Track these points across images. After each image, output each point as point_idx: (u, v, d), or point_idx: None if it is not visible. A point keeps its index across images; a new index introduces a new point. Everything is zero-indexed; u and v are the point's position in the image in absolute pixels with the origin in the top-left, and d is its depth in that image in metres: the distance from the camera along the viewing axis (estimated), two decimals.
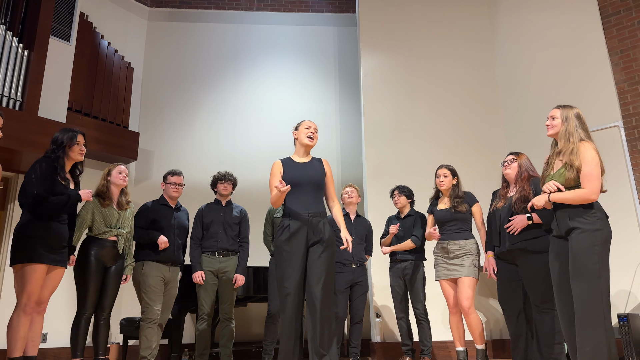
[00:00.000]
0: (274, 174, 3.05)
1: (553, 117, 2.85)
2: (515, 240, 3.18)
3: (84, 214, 3.57)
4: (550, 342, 3.06)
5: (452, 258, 3.71)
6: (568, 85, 5.15)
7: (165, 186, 4.09)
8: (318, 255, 2.90)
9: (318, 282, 2.84)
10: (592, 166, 2.63)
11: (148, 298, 3.74)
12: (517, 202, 3.22)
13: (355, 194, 4.46)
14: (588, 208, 2.62)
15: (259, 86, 6.72)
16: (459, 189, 3.84)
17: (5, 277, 4.92)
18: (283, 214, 3.02)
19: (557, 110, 2.85)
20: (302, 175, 3.02)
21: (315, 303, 2.82)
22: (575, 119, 2.78)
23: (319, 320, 2.80)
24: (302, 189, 3.00)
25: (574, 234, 2.62)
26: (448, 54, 5.96)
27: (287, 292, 2.85)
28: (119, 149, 5.69)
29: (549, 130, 2.86)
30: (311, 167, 3.08)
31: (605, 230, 2.60)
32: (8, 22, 4.98)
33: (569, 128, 2.76)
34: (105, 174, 3.73)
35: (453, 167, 3.90)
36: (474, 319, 3.60)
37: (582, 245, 2.57)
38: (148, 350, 3.71)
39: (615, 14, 4.99)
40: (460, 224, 3.75)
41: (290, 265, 2.88)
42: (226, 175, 4.33)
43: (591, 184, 2.60)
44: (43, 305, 3.08)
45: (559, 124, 2.81)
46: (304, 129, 3.14)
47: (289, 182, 2.97)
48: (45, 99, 4.93)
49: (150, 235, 3.84)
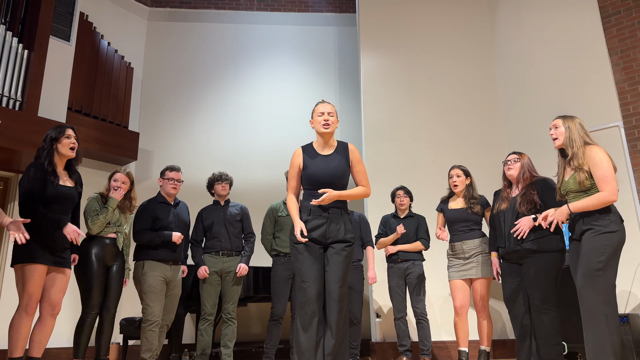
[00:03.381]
0: (293, 164, 2.88)
1: (556, 127, 2.94)
2: (521, 240, 3.18)
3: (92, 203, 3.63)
4: (549, 342, 3.05)
5: (468, 258, 3.69)
6: (568, 85, 5.15)
7: (162, 182, 3.99)
8: (337, 254, 2.76)
9: (337, 283, 2.71)
10: (605, 167, 2.67)
11: (148, 299, 3.69)
12: (522, 204, 3.22)
13: None
14: (604, 211, 2.67)
15: (259, 86, 6.72)
16: (473, 189, 3.81)
17: (5, 277, 4.92)
18: (301, 208, 2.86)
19: (559, 120, 2.95)
20: (322, 171, 2.81)
21: (332, 304, 2.70)
22: (578, 127, 2.86)
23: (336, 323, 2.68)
24: (323, 186, 2.80)
25: (586, 235, 2.68)
26: (448, 54, 5.96)
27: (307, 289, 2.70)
28: (119, 149, 5.69)
29: (555, 141, 2.94)
30: (333, 160, 2.86)
31: (619, 232, 2.65)
32: (8, 22, 4.97)
33: (572, 135, 2.84)
34: (109, 178, 3.77)
35: (466, 167, 3.87)
36: (487, 320, 3.61)
37: (593, 245, 2.62)
38: (149, 352, 3.67)
39: (615, 14, 4.99)
40: (472, 224, 3.74)
41: (309, 262, 2.74)
42: (222, 176, 4.31)
43: (608, 186, 2.65)
44: (57, 309, 3.06)
45: (562, 132, 2.89)
46: (317, 116, 2.88)
47: (308, 179, 2.83)
48: (45, 99, 4.92)
49: (162, 236, 3.76)
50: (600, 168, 2.67)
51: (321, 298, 2.73)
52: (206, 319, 4.03)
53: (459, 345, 3.73)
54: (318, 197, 2.78)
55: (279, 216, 4.26)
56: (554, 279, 3.08)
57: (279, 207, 4.31)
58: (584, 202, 2.70)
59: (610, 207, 2.69)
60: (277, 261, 4.18)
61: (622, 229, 2.67)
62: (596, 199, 2.67)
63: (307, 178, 2.84)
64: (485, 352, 3.62)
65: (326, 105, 2.89)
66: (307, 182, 2.86)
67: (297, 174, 2.88)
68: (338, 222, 2.80)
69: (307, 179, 2.84)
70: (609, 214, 2.67)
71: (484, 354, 3.61)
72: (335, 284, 2.71)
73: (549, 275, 3.07)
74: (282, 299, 4.08)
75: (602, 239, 2.62)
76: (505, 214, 3.33)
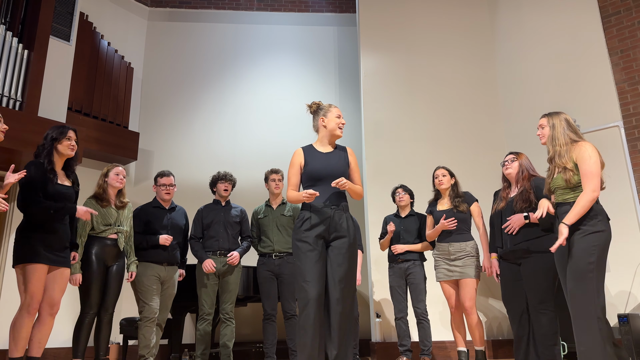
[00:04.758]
0: (294, 163, 2.89)
1: (542, 126, 2.91)
2: (517, 240, 3.19)
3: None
4: (547, 343, 3.05)
5: (453, 260, 3.72)
6: (568, 85, 5.15)
7: (156, 189, 4.08)
8: (339, 252, 2.73)
9: (339, 283, 2.67)
10: (590, 163, 2.62)
11: (144, 297, 3.77)
12: (518, 202, 3.22)
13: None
14: (591, 211, 2.62)
15: (259, 86, 6.72)
16: (457, 188, 3.89)
17: (5, 278, 4.92)
18: (302, 206, 2.84)
19: (543, 119, 2.91)
20: (324, 167, 2.83)
21: (334, 306, 2.64)
22: (563, 123, 2.81)
23: (338, 324, 2.62)
24: (324, 181, 2.81)
25: (574, 235, 2.63)
26: (448, 54, 5.96)
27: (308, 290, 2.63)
28: (119, 149, 5.69)
29: (541, 139, 2.92)
30: (335, 157, 2.88)
31: (605, 232, 2.60)
32: (8, 22, 4.98)
33: (555, 133, 2.80)
34: (103, 175, 3.74)
35: (449, 168, 3.97)
36: (475, 321, 3.62)
37: (581, 245, 2.59)
38: (146, 349, 3.71)
39: (615, 14, 4.99)
40: (461, 224, 3.76)
41: (311, 261, 2.68)
42: (226, 175, 4.33)
43: (590, 182, 2.60)
44: (55, 308, 3.07)
45: (547, 132, 2.86)
46: (335, 117, 2.92)
47: (310, 175, 2.83)
48: (45, 99, 4.92)
49: (149, 240, 3.85)
50: (586, 163, 2.63)
51: (322, 299, 2.66)
52: (205, 319, 4.04)
53: (458, 345, 3.74)
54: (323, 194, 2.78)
55: (259, 218, 4.31)
56: (552, 279, 3.09)
57: (260, 210, 4.37)
58: (575, 211, 2.60)
59: (596, 207, 2.63)
60: (259, 261, 4.25)
61: (608, 228, 2.63)
62: (583, 203, 2.59)
63: (308, 174, 2.84)
64: (482, 352, 3.63)
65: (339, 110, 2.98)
66: (308, 178, 2.85)
67: (297, 172, 2.89)
68: (340, 218, 2.79)
69: (309, 174, 2.84)
70: (595, 212, 2.62)
71: (480, 354, 3.62)
72: (337, 284, 2.67)
73: (547, 275, 3.07)
74: (268, 297, 4.12)
75: (591, 240, 2.57)
76: (503, 213, 3.34)
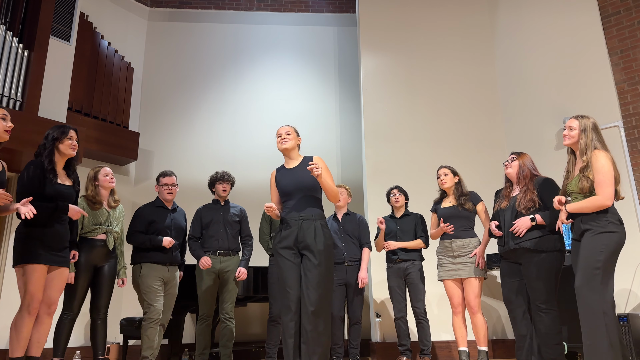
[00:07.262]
0: (271, 184, 3.19)
1: (571, 128, 2.91)
2: (519, 239, 3.20)
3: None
4: (549, 342, 3.06)
5: (456, 257, 3.70)
6: (568, 85, 5.15)
7: (159, 189, 4.07)
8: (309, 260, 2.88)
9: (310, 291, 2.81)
10: (604, 173, 2.70)
11: (148, 298, 3.74)
12: (522, 203, 3.23)
13: (345, 195, 4.43)
14: (602, 212, 2.72)
15: (259, 86, 6.72)
16: (462, 187, 3.86)
17: (5, 278, 4.92)
18: (280, 221, 3.10)
19: (574, 120, 2.91)
20: (291, 182, 3.06)
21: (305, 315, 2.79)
22: (592, 131, 2.84)
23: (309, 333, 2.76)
24: (294, 195, 3.03)
25: (585, 235, 2.72)
26: (448, 54, 5.96)
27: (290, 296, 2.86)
28: (119, 149, 5.69)
29: (566, 140, 2.92)
30: (300, 170, 3.09)
31: (617, 234, 2.68)
32: (8, 22, 4.97)
33: (587, 140, 2.83)
34: (92, 179, 3.75)
35: (453, 167, 3.93)
36: (480, 320, 3.61)
37: (592, 244, 2.67)
38: (150, 350, 3.70)
39: (615, 14, 5.00)
40: (465, 221, 3.75)
41: (286, 269, 2.92)
42: (225, 176, 4.32)
43: (604, 190, 2.69)
44: (53, 307, 3.08)
45: (576, 135, 2.88)
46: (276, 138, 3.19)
47: (281, 192, 3.09)
48: (45, 99, 4.92)
49: (152, 241, 3.82)
50: (600, 173, 2.72)
51: (299, 304, 2.86)
52: (204, 319, 4.04)
53: (459, 345, 3.73)
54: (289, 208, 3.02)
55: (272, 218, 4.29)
56: (553, 278, 3.10)
57: None
58: (579, 205, 2.77)
59: (609, 209, 2.73)
60: (273, 261, 4.18)
61: (621, 230, 2.70)
62: (590, 202, 2.73)
63: (280, 191, 3.10)
64: (484, 352, 3.62)
65: (283, 128, 3.16)
66: (282, 195, 3.10)
67: (274, 191, 3.16)
68: (308, 228, 2.93)
69: (280, 191, 3.10)
70: (608, 214, 2.71)
71: (483, 354, 3.61)
72: (308, 294, 2.81)
73: (549, 275, 3.08)
74: (279, 299, 4.07)
75: (601, 239, 2.66)
76: (505, 212, 3.34)
